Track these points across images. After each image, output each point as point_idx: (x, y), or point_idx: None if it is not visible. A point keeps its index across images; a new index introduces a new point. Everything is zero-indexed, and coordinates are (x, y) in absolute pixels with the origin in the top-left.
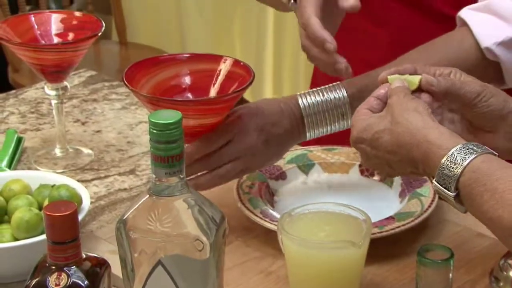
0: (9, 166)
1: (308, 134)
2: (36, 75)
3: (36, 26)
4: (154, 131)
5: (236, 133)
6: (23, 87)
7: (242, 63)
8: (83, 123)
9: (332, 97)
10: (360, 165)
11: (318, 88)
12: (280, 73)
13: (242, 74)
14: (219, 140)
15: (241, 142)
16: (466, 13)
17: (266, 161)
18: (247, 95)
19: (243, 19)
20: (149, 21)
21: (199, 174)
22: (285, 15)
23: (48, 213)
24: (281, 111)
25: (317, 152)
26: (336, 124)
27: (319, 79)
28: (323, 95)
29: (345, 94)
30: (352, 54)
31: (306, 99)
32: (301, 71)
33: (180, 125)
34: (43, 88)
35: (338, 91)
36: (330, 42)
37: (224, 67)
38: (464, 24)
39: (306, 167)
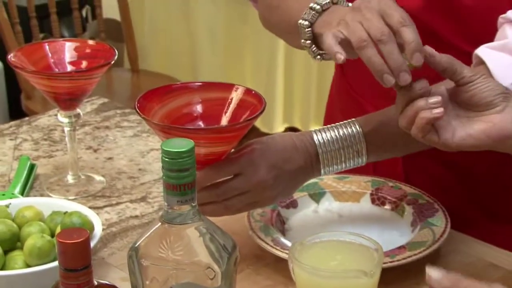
0: (22, 192)
1: (322, 171)
2: (49, 102)
3: (50, 54)
4: (167, 159)
5: (246, 166)
6: (36, 114)
7: (253, 92)
8: (95, 150)
9: (347, 134)
10: (371, 194)
11: (333, 124)
12: (291, 101)
13: (254, 103)
14: (227, 170)
15: (251, 176)
16: (483, 51)
17: (277, 196)
18: (258, 123)
19: (255, 47)
20: (161, 49)
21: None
22: (294, 62)
23: (61, 240)
24: (294, 147)
25: (328, 180)
26: (352, 161)
27: (334, 114)
28: (338, 132)
29: (360, 131)
30: (374, 90)
31: (321, 135)
32: (312, 99)
33: (192, 153)
34: (56, 115)
35: (353, 128)
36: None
37: (235, 96)
38: (481, 62)
39: (317, 195)
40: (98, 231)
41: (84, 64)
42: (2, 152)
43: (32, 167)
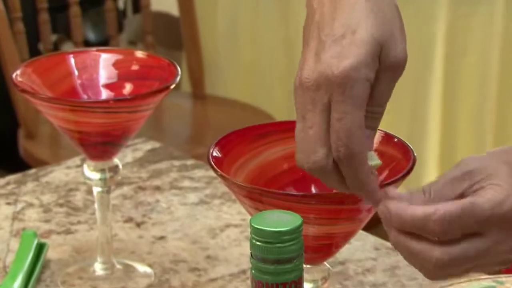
0: (25, 287)
1: None
2: (63, 145)
3: (76, 72)
4: (259, 243)
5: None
6: (45, 165)
7: (396, 140)
8: (138, 225)
9: None
10: None
11: None
12: (450, 152)
13: (396, 157)
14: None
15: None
16: None
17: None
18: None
19: None
20: (241, 65)
21: None
22: (459, 70)
23: None
24: None
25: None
26: None
27: None
28: None
29: None
30: None
31: None
32: (487, 149)
33: (299, 234)
34: (78, 167)
35: None
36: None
37: None
38: None
39: None
40: None
41: (128, 88)
42: None
43: (40, 248)
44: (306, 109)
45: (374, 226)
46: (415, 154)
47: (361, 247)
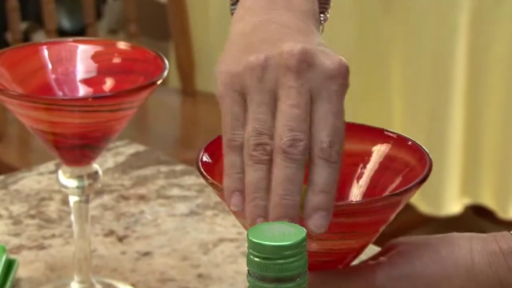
0: None
1: None
2: (35, 148)
3: (50, 66)
4: (257, 259)
5: None
6: (14, 170)
7: (410, 143)
8: (120, 239)
9: None
10: None
11: None
12: (475, 158)
13: (410, 163)
14: None
15: None
16: None
17: None
18: (414, 197)
19: (407, 61)
20: None
21: None
22: (484, 65)
23: None
24: (469, 263)
25: None
26: None
27: None
28: None
29: None
30: None
31: None
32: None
33: (303, 249)
34: (52, 173)
35: None
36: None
37: (377, 148)
38: None
39: None
40: None
41: (109, 84)
42: None
43: (9, 265)
44: None
45: (387, 240)
46: (431, 158)
47: None
